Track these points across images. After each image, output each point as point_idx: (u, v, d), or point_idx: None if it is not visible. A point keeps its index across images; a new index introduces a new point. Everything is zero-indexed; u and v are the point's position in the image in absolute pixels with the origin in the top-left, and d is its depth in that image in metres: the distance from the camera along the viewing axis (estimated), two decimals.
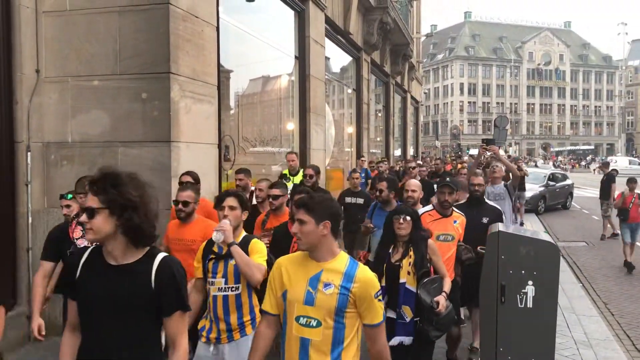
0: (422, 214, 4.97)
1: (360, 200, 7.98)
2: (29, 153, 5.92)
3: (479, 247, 5.23)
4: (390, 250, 4.33)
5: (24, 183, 5.90)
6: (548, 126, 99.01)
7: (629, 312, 8.09)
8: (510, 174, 7.94)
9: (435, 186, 7.93)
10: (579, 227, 16.37)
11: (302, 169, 7.77)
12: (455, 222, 5.20)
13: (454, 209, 5.29)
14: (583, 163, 66.36)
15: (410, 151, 26.82)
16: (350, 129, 15.42)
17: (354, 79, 14.99)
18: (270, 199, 5.33)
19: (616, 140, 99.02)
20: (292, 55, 10.12)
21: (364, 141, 15.25)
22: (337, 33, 12.45)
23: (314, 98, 10.35)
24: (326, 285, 2.63)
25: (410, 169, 9.90)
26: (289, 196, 5.43)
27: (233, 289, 3.57)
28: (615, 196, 13.05)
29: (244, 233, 3.76)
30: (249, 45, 8.91)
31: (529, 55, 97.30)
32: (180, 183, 5.19)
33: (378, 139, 19.80)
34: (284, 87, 10.73)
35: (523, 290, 4.61)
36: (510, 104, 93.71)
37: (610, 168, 17.68)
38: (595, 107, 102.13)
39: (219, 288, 3.58)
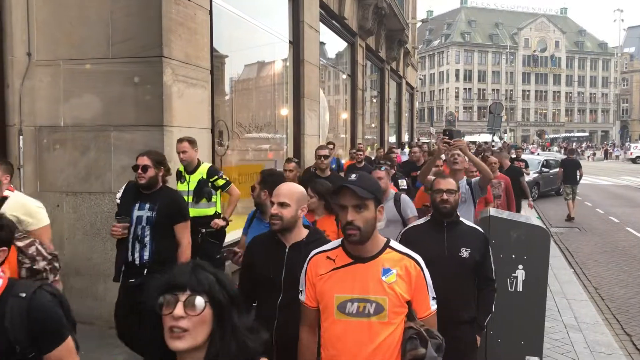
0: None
1: None
2: (21, 137, 5.90)
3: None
4: None
5: (17, 167, 5.87)
6: (543, 113, 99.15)
7: (618, 297, 8.18)
8: (478, 170, 5.69)
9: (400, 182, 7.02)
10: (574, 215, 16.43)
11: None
12: (386, 272, 2.37)
13: (392, 244, 2.48)
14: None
15: (405, 137, 26.84)
16: (345, 115, 15.40)
17: (349, 64, 14.93)
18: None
19: (611, 127, 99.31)
20: (287, 40, 10.06)
21: (359, 127, 15.23)
22: (331, 18, 12.39)
23: (308, 83, 10.32)
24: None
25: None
26: None
27: None
28: None
29: None
30: (243, 30, 8.86)
31: (524, 41, 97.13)
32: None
33: (373, 125, 19.78)
34: (278, 72, 10.69)
35: (513, 275, 4.66)
36: (506, 90, 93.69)
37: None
38: (591, 94, 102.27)
39: None
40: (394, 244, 2.47)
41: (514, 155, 15.65)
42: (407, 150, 15.71)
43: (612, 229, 14.04)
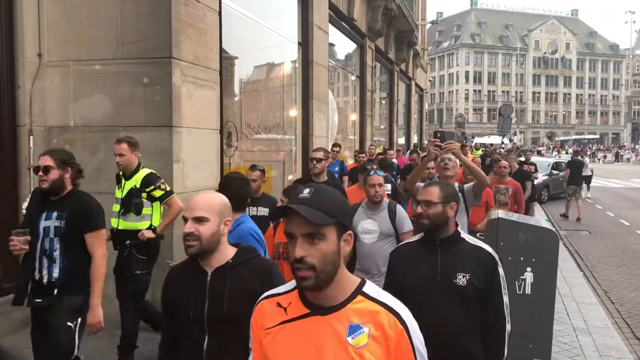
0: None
1: (264, 211, 5.47)
2: (31, 137, 5.95)
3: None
4: None
5: (26, 167, 5.93)
6: (553, 115, 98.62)
7: (628, 300, 8.12)
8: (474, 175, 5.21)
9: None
10: (582, 216, 16.33)
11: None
12: (354, 331, 1.64)
13: (367, 288, 1.72)
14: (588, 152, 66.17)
15: (414, 139, 26.77)
16: (354, 117, 15.39)
17: (358, 66, 14.93)
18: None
19: (622, 129, 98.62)
20: (295, 41, 10.08)
21: (368, 129, 15.22)
22: (340, 19, 12.39)
23: (317, 85, 10.32)
24: None
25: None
26: None
27: None
28: None
29: None
30: (252, 31, 8.88)
31: (535, 43, 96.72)
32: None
33: (382, 126, 19.75)
34: (287, 73, 10.70)
35: (522, 277, 4.63)
36: (516, 92, 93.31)
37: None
38: (602, 96, 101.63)
39: None
40: (369, 288, 1.69)
41: (522, 159, 15.60)
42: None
43: (622, 232, 13.94)
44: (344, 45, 14.23)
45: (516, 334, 4.62)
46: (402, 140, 23.70)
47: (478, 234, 5.27)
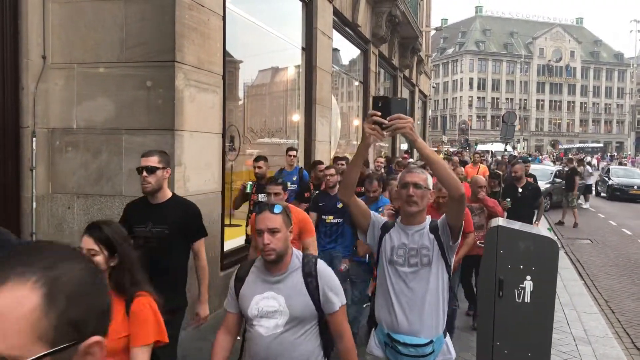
0: None
1: None
2: (34, 139, 5.96)
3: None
4: None
5: (29, 168, 5.94)
6: (557, 123, 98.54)
7: (629, 310, 8.09)
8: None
9: None
10: (584, 224, 16.32)
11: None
12: None
13: None
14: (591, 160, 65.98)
15: None
16: (357, 122, 15.40)
17: (362, 71, 14.95)
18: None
19: (625, 138, 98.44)
20: (299, 46, 10.11)
21: None
22: (345, 25, 12.42)
23: (320, 90, 10.34)
24: None
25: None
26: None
27: None
28: None
29: None
30: (256, 36, 8.91)
31: (539, 51, 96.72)
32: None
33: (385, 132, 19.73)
34: (291, 78, 10.73)
35: (521, 285, 4.62)
36: (520, 99, 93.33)
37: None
38: (606, 104, 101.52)
39: None
40: None
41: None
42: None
43: (624, 241, 13.91)
44: (348, 51, 14.27)
45: (515, 343, 4.63)
46: (404, 146, 23.70)
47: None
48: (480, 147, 46.72)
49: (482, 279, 4.78)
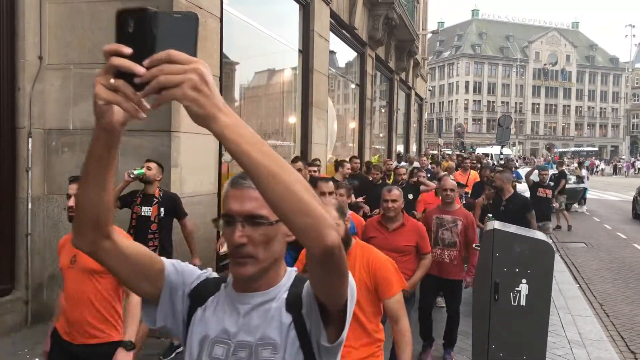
0: None
1: None
2: (30, 139, 5.95)
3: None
4: None
5: (25, 169, 5.93)
6: (552, 126, 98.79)
7: (624, 314, 8.11)
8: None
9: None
10: (579, 228, 16.36)
11: None
12: None
13: None
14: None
15: (413, 148, 26.80)
16: (353, 124, 15.43)
17: (358, 74, 14.98)
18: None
19: (620, 142, 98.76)
20: (296, 48, 10.12)
21: (367, 137, 15.26)
22: (342, 27, 12.44)
23: (316, 92, 10.36)
24: None
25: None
26: None
27: None
28: None
29: None
30: (253, 38, 8.91)
31: (535, 55, 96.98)
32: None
33: (381, 134, 19.80)
34: (288, 80, 10.74)
35: (517, 288, 4.63)
36: (516, 103, 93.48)
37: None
38: (601, 108, 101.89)
39: None
40: None
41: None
42: (404, 163, 14.01)
43: (619, 245, 13.94)
44: (345, 54, 14.29)
45: (510, 346, 4.64)
46: (400, 148, 23.73)
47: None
48: (479, 150, 46.29)
49: (477, 281, 4.79)
